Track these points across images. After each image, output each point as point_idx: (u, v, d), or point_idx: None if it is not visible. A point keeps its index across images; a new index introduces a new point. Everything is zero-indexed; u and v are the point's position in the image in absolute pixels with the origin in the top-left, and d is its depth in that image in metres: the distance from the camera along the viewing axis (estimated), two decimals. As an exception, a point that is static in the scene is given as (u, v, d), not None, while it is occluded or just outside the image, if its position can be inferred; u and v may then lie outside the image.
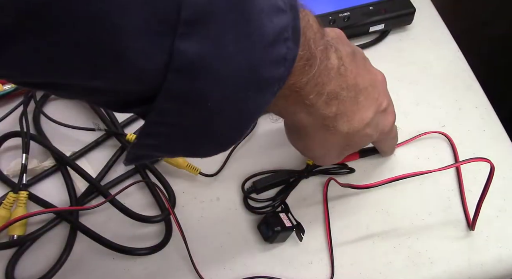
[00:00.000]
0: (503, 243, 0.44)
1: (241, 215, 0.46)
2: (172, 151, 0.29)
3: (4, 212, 0.43)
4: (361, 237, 0.44)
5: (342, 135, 0.36)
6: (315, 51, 0.29)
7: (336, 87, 0.33)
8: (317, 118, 0.34)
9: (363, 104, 0.35)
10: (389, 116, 0.39)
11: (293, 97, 0.31)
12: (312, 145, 0.38)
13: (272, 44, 0.24)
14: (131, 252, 0.43)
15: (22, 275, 0.42)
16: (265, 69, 0.25)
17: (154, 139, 0.26)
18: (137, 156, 0.28)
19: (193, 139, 0.27)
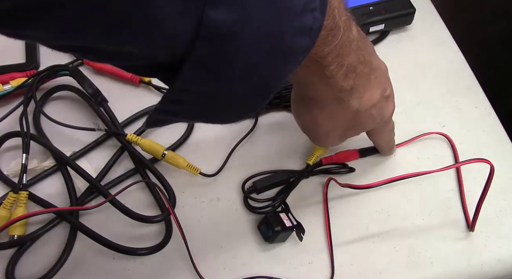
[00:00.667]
0: (503, 243, 0.44)
1: (241, 215, 0.46)
2: (194, 117, 0.29)
3: (4, 212, 0.43)
4: (361, 237, 0.44)
5: (351, 111, 0.36)
6: (339, 21, 0.29)
7: (355, 60, 0.33)
8: (333, 90, 0.34)
9: (373, 83, 0.36)
10: (390, 104, 0.40)
11: (314, 67, 0.31)
12: (320, 119, 0.37)
13: (299, 14, 0.24)
14: (131, 252, 0.43)
15: (22, 275, 0.42)
16: (291, 38, 0.25)
17: (178, 105, 0.26)
18: (158, 120, 0.28)
19: (216, 105, 0.27)
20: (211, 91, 0.26)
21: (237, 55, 0.24)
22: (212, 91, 0.26)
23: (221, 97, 0.27)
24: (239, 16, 0.22)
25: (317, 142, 0.43)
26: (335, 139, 0.40)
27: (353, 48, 0.32)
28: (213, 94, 0.26)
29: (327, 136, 0.40)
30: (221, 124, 0.31)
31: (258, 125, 0.51)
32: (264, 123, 0.51)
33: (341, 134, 0.40)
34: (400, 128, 0.49)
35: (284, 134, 0.50)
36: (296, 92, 0.39)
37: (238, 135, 0.50)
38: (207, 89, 0.26)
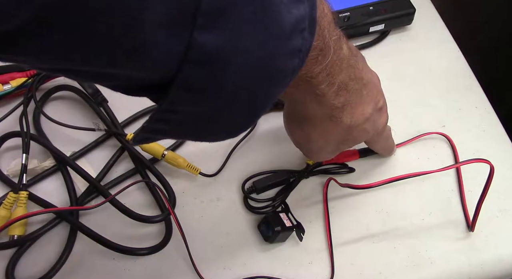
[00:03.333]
0: (503, 243, 0.44)
1: (241, 215, 0.46)
2: (182, 136, 0.29)
3: (4, 212, 0.43)
4: (361, 237, 0.44)
5: (344, 128, 0.36)
6: (329, 41, 0.29)
7: (346, 78, 0.33)
8: (325, 108, 0.34)
9: (365, 98, 0.36)
10: (383, 116, 0.40)
11: (304, 86, 0.31)
12: (313, 136, 0.37)
13: (289, 37, 0.24)
14: (131, 252, 0.43)
15: (22, 275, 0.42)
16: (280, 61, 0.25)
17: (165, 124, 0.26)
18: (146, 138, 0.28)
19: (204, 126, 0.28)
20: (199, 112, 0.26)
21: (226, 79, 0.24)
22: (199, 112, 0.26)
23: (209, 118, 0.26)
24: (229, 40, 0.22)
25: (310, 157, 0.43)
26: (328, 153, 0.40)
27: (344, 67, 0.32)
28: (201, 115, 0.26)
29: (320, 151, 0.39)
30: (210, 142, 0.31)
31: (258, 125, 0.51)
32: (264, 123, 0.51)
33: (334, 149, 0.39)
34: (400, 128, 0.49)
35: (284, 134, 0.50)
36: (288, 110, 0.38)
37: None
38: (194, 110, 0.25)
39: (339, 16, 0.55)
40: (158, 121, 0.26)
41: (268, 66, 0.25)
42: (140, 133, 0.28)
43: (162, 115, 0.25)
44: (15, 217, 0.41)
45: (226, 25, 0.22)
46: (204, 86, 0.24)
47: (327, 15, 0.29)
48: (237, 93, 0.25)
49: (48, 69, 0.24)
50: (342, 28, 0.54)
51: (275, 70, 0.25)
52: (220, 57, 0.23)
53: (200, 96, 0.24)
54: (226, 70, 0.23)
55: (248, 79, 0.25)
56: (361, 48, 0.56)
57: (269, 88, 0.26)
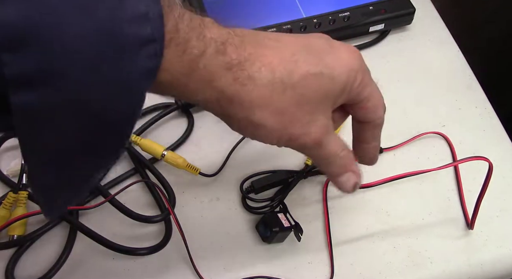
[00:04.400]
0: (503, 243, 0.44)
1: (241, 215, 0.46)
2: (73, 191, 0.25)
3: (4, 212, 0.43)
4: (361, 237, 0.44)
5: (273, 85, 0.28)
6: (186, 29, 0.25)
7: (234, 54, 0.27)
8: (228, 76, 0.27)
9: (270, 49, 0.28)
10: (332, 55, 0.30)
11: (196, 74, 0.26)
12: (256, 117, 0.29)
13: (121, 2, 0.21)
14: (131, 252, 0.43)
15: (22, 275, 0.42)
16: (122, 29, 0.21)
17: (43, 171, 0.22)
18: (52, 207, 0.25)
19: (74, 148, 0.23)
20: (60, 121, 0.21)
21: (63, 61, 0.20)
22: (60, 121, 0.21)
23: (76, 127, 0.22)
24: (37, 10, 0.18)
25: (302, 139, 0.30)
26: (319, 119, 0.30)
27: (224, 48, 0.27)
28: (62, 127, 0.21)
29: (308, 125, 0.30)
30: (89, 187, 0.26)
31: (258, 125, 0.50)
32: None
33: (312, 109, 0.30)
34: (400, 128, 0.49)
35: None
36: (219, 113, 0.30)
37: (237, 135, 0.50)
38: (53, 123, 0.21)
39: (339, 16, 0.55)
40: (33, 172, 0.22)
41: (110, 36, 0.21)
42: (42, 204, 0.25)
43: (29, 153, 0.21)
44: (14, 217, 0.41)
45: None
46: (41, 77, 0.19)
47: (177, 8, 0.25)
48: (88, 76, 0.20)
49: None
50: (342, 27, 0.54)
51: (121, 37, 0.21)
52: (38, 34, 0.19)
53: (46, 93, 0.20)
54: (58, 51, 0.19)
55: (91, 54, 0.20)
56: (361, 48, 0.56)
57: (128, 61, 0.22)
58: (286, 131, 0.29)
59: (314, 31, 0.54)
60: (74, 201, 0.27)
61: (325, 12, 0.55)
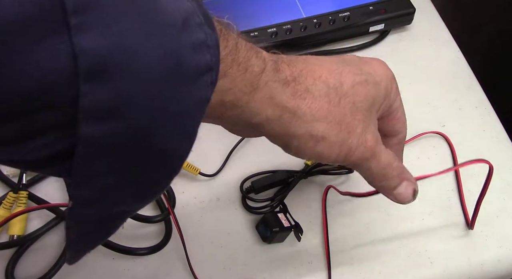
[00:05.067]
0: (503, 243, 0.44)
1: (241, 215, 0.46)
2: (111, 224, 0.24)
3: (4, 212, 0.43)
4: (361, 237, 0.44)
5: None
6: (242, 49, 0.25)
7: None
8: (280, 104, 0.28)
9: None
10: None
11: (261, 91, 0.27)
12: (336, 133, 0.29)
13: (184, 28, 0.21)
14: (131, 252, 0.43)
15: (22, 275, 0.42)
16: (186, 56, 0.21)
17: (96, 206, 0.22)
18: (79, 251, 0.25)
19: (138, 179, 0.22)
20: (122, 157, 0.21)
21: (129, 88, 0.19)
22: (123, 158, 0.21)
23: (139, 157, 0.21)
24: (114, 37, 0.18)
25: (359, 151, 0.30)
26: (365, 129, 0.30)
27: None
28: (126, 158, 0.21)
29: (361, 135, 0.30)
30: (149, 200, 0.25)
31: (258, 125, 0.51)
32: (264, 123, 0.51)
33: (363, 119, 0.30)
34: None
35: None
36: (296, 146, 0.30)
37: (238, 135, 0.50)
38: (117, 162, 0.21)
39: (339, 16, 0.55)
40: (85, 205, 0.22)
41: (174, 64, 0.20)
42: (70, 250, 0.24)
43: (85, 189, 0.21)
44: (14, 213, 0.41)
45: (104, 19, 0.18)
46: (112, 104, 0.19)
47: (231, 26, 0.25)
48: (155, 107, 0.20)
49: None
50: (342, 27, 0.54)
51: (184, 67, 0.21)
52: (114, 61, 0.18)
53: (115, 122, 0.19)
54: (130, 77, 0.19)
55: (159, 84, 0.20)
56: (361, 48, 0.56)
57: (189, 92, 0.21)
58: (345, 143, 0.29)
59: (314, 31, 0.54)
60: (99, 244, 0.26)
61: (325, 12, 0.55)
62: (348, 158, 0.30)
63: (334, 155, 0.29)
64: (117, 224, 0.25)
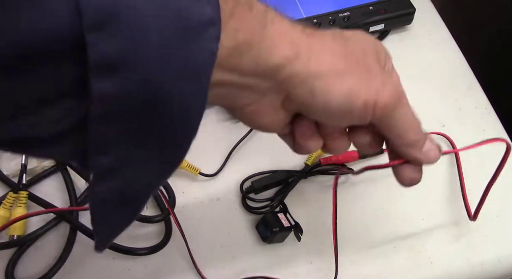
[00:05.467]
0: (503, 243, 0.44)
1: (241, 215, 0.46)
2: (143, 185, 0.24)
3: (4, 212, 0.43)
4: (361, 237, 0.44)
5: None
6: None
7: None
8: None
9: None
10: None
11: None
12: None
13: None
14: (131, 252, 0.43)
15: (22, 275, 0.42)
16: (189, 8, 0.21)
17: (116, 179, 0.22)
18: (106, 236, 0.25)
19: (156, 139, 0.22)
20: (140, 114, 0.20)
21: (142, 40, 0.19)
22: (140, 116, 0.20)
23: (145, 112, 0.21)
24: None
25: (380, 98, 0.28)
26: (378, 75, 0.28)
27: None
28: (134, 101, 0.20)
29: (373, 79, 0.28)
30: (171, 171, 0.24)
31: (258, 125, 0.51)
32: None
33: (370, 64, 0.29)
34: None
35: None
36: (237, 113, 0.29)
37: (238, 135, 0.50)
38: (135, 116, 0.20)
39: (339, 16, 0.55)
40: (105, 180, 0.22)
41: (180, 17, 0.20)
42: (96, 236, 0.24)
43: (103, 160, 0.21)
44: (15, 217, 0.41)
45: None
46: (122, 56, 0.19)
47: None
48: (159, 55, 0.20)
49: None
50: (342, 28, 0.54)
51: (189, 19, 0.20)
52: (120, 12, 0.18)
53: (127, 75, 0.19)
54: (132, 27, 0.19)
55: (167, 36, 0.20)
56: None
57: (198, 45, 0.21)
58: (371, 81, 0.27)
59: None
60: (126, 227, 0.26)
61: (325, 12, 0.55)
62: (380, 99, 0.27)
63: (364, 94, 0.27)
64: (142, 201, 0.25)
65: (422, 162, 0.32)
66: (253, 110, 0.28)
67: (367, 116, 0.27)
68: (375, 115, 0.27)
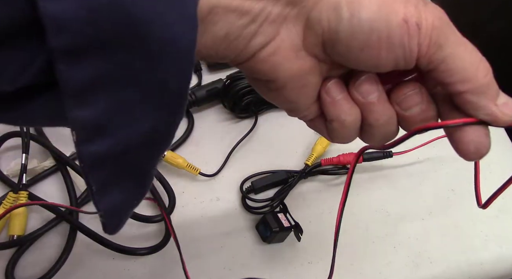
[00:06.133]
0: (503, 243, 0.44)
1: (241, 215, 0.46)
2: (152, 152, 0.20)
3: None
4: (361, 237, 0.44)
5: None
6: None
7: None
8: None
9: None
10: None
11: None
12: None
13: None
14: (131, 252, 0.43)
15: (22, 275, 0.42)
16: None
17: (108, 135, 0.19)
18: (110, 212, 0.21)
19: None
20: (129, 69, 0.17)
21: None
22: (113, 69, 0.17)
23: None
24: None
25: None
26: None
27: None
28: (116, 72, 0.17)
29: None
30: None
31: (257, 125, 0.51)
32: (264, 123, 0.51)
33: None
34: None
35: (284, 134, 0.50)
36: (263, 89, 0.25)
37: (237, 135, 0.50)
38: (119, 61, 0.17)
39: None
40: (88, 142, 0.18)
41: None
42: (100, 215, 0.21)
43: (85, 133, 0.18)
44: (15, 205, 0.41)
45: None
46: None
47: None
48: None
49: None
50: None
51: None
52: None
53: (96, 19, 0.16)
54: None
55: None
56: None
57: None
58: (408, 2, 0.21)
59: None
60: (136, 202, 0.22)
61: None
62: (424, 19, 0.21)
63: (402, 7, 0.21)
64: (146, 165, 0.21)
65: (498, 119, 0.24)
66: (270, 54, 0.22)
67: (411, 42, 0.21)
68: (422, 43, 0.21)
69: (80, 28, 0.16)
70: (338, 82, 0.24)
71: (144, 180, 0.22)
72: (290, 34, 0.22)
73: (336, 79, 0.24)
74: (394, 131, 0.25)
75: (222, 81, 0.51)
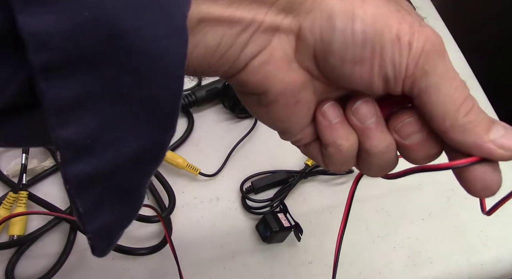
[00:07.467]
0: (503, 243, 0.44)
1: (241, 215, 0.46)
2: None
3: (4, 212, 0.43)
4: (361, 237, 0.44)
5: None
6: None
7: None
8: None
9: None
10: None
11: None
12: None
13: None
14: (131, 252, 0.43)
15: (22, 275, 0.42)
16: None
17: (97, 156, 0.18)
18: (103, 235, 0.21)
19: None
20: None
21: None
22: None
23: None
24: None
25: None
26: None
27: None
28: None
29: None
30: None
31: (257, 125, 0.51)
32: (264, 123, 0.51)
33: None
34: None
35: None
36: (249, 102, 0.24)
37: (237, 135, 0.50)
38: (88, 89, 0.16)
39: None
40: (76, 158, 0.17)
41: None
42: (88, 238, 0.20)
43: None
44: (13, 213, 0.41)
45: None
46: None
47: None
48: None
49: None
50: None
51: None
52: None
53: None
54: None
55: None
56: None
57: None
58: (401, 17, 0.21)
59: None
60: (127, 223, 0.22)
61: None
62: (416, 39, 0.21)
63: (396, 24, 0.20)
64: (136, 184, 0.20)
65: (495, 155, 0.22)
66: (262, 63, 0.21)
67: (401, 60, 0.20)
68: (410, 64, 0.21)
69: (62, 44, 0.15)
70: (334, 104, 0.23)
71: (134, 200, 0.21)
72: (282, 43, 0.21)
73: (332, 101, 0.23)
74: (393, 160, 0.24)
75: (222, 81, 0.51)
